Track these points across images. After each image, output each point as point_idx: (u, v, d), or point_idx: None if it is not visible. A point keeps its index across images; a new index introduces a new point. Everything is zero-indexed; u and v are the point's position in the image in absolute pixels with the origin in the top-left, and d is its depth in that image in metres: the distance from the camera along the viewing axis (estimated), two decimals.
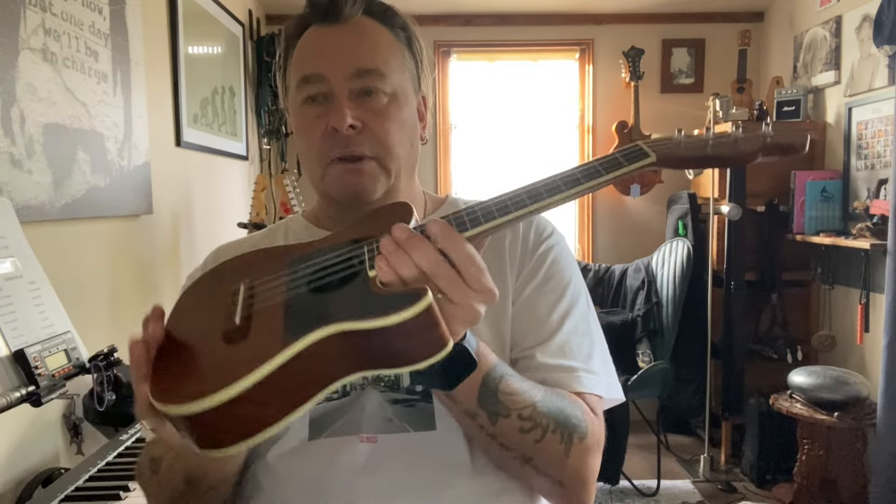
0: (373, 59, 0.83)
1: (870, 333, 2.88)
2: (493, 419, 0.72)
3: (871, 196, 2.95)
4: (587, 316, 0.89)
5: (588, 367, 0.84)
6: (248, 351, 0.60)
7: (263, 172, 3.40)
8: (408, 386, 0.81)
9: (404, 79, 0.87)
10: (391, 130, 0.84)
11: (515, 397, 0.72)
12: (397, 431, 0.80)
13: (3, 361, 0.98)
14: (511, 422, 0.72)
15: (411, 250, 0.60)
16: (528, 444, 0.74)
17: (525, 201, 0.65)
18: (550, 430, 0.74)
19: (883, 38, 2.69)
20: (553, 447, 0.75)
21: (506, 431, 0.73)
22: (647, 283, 3.42)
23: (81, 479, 1.28)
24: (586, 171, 0.67)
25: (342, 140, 0.82)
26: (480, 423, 0.72)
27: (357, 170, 0.83)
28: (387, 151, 0.84)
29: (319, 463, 0.79)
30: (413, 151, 0.90)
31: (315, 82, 0.83)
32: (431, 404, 0.80)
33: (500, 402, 0.71)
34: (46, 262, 1.17)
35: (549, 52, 4.07)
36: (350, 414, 0.81)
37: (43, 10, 1.51)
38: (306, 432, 0.81)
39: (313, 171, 0.87)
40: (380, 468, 0.78)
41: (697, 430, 3.66)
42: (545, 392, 0.76)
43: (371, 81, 0.83)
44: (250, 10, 3.37)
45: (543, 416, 0.74)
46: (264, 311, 0.64)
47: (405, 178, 0.89)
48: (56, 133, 1.56)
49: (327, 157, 0.84)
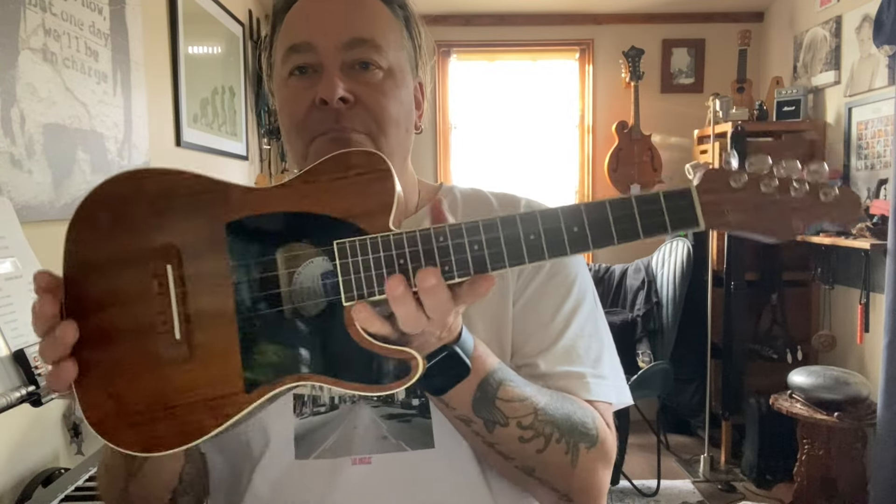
0: (368, 30, 0.74)
1: (870, 333, 2.87)
2: (490, 427, 0.66)
3: (871, 196, 2.95)
4: (595, 315, 0.82)
5: (597, 372, 0.78)
6: (202, 392, 0.54)
7: (263, 172, 3.40)
8: (403, 399, 0.75)
9: (401, 57, 0.78)
10: (387, 107, 0.74)
11: (515, 404, 0.66)
12: (393, 451, 0.73)
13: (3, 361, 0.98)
14: (510, 430, 0.66)
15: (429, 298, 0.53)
16: (530, 454, 0.68)
17: (542, 249, 0.55)
18: (554, 439, 0.68)
19: (883, 38, 2.69)
20: (558, 458, 0.69)
21: (504, 440, 0.67)
22: (647, 283, 3.42)
23: (81, 479, 1.28)
24: (622, 226, 0.55)
25: (331, 114, 0.72)
26: (476, 431, 0.67)
27: (344, 139, 0.72)
28: (381, 129, 0.74)
29: (309, 491, 0.73)
30: (408, 136, 0.80)
31: (303, 52, 0.74)
32: (429, 419, 0.74)
33: (498, 409, 0.66)
34: (46, 262, 1.16)
35: (549, 52, 4.07)
36: (340, 431, 0.74)
37: (43, 10, 1.51)
38: (292, 452, 0.74)
39: (296, 148, 0.76)
40: (375, 495, 0.72)
41: (697, 430, 3.66)
42: (550, 397, 0.70)
43: (366, 53, 0.74)
44: (250, 10, 3.37)
45: (546, 424, 0.68)
46: (208, 325, 0.56)
47: (398, 165, 0.77)
48: (56, 133, 1.56)
49: (314, 132, 0.73)
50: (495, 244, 0.54)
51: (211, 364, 0.56)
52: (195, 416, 0.55)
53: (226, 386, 0.55)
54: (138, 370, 0.57)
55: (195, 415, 0.55)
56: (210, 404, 0.55)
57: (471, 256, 0.54)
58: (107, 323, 0.58)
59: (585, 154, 4.04)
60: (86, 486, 1.27)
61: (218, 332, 0.56)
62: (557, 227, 0.54)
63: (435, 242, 0.54)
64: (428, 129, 3.94)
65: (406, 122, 0.79)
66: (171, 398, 0.56)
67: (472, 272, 0.54)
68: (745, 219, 0.56)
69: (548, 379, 0.75)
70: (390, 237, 0.54)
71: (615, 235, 0.55)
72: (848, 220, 0.56)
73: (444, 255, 0.54)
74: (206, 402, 0.55)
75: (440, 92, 3.98)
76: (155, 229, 0.58)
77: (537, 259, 0.55)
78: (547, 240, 0.54)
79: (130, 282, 0.58)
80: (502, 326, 0.78)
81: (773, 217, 0.56)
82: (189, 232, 0.58)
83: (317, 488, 0.73)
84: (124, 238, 0.59)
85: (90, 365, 0.58)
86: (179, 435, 0.55)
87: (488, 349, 0.68)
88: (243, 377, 0.55)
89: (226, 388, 0.55)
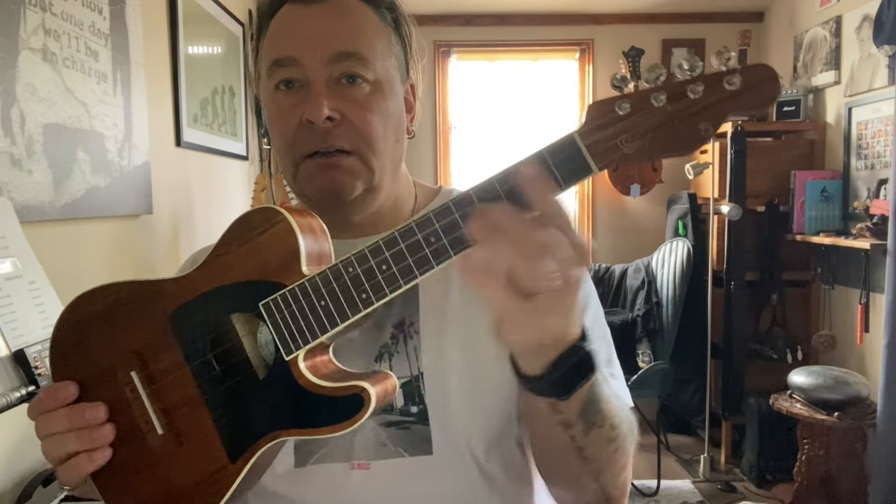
0: (354, 42, 0.73)
1: (870, 333, 2.88)
2: (588, 430, 0.63)
3: (871, 196, 2.95)
4: (600, 319, 0.82)
5: (613, 372, 0.78)
6: (198, 474, 0.58)
7: (263, 172, 3.40)
8: (401, 407, 0.75)
9: (390, 65, 0.77)
10: (374, 123, 0.74)
11: (611, 405, 0.64)
12: (391, 457, 0.73)
13: (3, 361, 0.98)
14: (603, 431, 0.64)
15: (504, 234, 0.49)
16: (609, 455, 0.66)
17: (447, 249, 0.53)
18: (623, 437, 0.67)
19: (883, 38, 2.69)
20: (624, 458, 0.68)
21: (595, 442, 0.64)
22: (647, 283, 3.42)
23: None
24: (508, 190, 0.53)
25: (319, 134, 0.72)
26: (573, 435, 0.63)
27: (334, 164, 0.73)
28: (369, 146, 0.74)
29: (308, 494, 0.73)
30: (398, 147, 0.80)
31: (288, 66, 0.73)
32: (428, 426, 0.74)
33: (601, 410, 0.63)
34: (46, 262, 1.16)
35: (549, 52, 4.07)
36: (338, 438, 0.72)
37: (43, 10, 1.51)
38: (291, 459, 0.74)
39: (286, 167, 0.77)
40: (374, 498, 0.72)
41: (697, 430, 3.66)
42: (611, 393, 0.68)
43: (352, 67, 0.73)
44: (250, 10, 3.37)
45: (624, 422, 0.67)
46: (183, 414, 0.61)
47: (389, 175, 0.79)
48: (56, 133, 1.56)
49: (302, 151, 0.74)
50: (400, 257, 0.54)
51: (196, 446, 0.60)
52: (199, 499, 0.59)
53: (214, 462, 0.58)
54: (143, 470, 0.62)
55: (198, 497, 0.59)
56: (208, 481, 0.59)
57: (382, 278, 0.55)
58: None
59: None
60: None
61: (192, 415, 0.60)
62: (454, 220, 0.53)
63: (346, 275, 0.55)
64: (428, 129, 3.94)
65: (396, 132, 0.79)
66: (177, 488, 0.60)
67: (390, 292, 0.54)
68: (642, 145, 0.50)
69: None
70: (305, 283, 0.56)
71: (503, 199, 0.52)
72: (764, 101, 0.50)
73: (368, 280, 0.55)
74: (204, 482, 0.59)
75: (440, 92, 3.98)
76: (112, 343, 0.63)
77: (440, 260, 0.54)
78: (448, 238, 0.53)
79: (109, 393, 0.62)
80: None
81: (674, 131, 0.50)
82: (140, 335, 0.62)
83: (315, 494, 0.73)
84: (90, 357, 0.64)
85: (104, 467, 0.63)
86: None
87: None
88: (225, 450, 0.58)
89: (214, 464, 0.58)
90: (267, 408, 0.58)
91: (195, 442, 0.59)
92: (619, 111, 0.50)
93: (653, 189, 3.89)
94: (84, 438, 0.62)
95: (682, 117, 0.50)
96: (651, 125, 0.50)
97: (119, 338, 0.63)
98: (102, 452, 0.62)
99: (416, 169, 4.32)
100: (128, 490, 0.62)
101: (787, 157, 3.37)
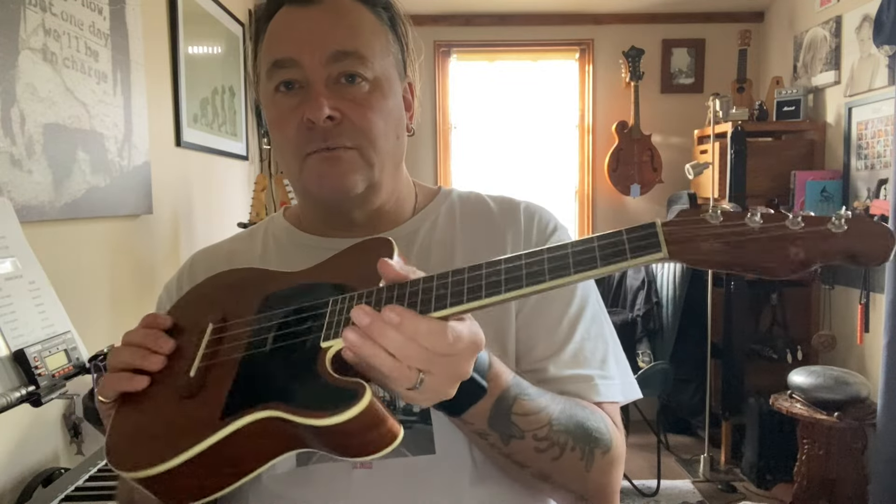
0: (352, 41, 0.74)
1: (870, 333, 2.88)
2: (506, 440, 0.66)
3: (871, 196, 2.95)
4: (599, 315, 0.83)
5: (604, 373, 0.79)
6: (187, 420, 0.61)
7: (263, 172, 3.40)
8: (404, 406, 0.75)
9: (388, 64, 0.78)
10: (374, 121, 0.75)
11: (531, 418, 0.66)
12: (394, 456, 0.70)
13: (3, 361, 0.98)
14: (526, 442, 0.67)
15: (377, 338, 0.53)
16: (546, 462, 0.69)
17: (501, 286, 0.55)
18: (569, 447, 0.69)
19: (883, 38, 2.69)
20: (572, 464, 0.70)
21: (520, 451, 0.67)
22: (647, 283, 3.42)
23: (81, 479, 1.28)
24: (580, 257, 0.53)
25: (319, 133, 0.73)
26: (492, 443, 0.67)
27: (335, 157, 0.74)
28: (369, 143, 0.76)
29: (310, 494, 0.73)
30: (399, 144, 0.81)
31: (287, 67, 0.75)
32: (430, 426, 0.74)
33: (514, 423, 0.66)
34: (46, 262, 1.16)
35: (549, 52, 4.07)
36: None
37: (43, 10, 1.51)
38: (293, 459, 0.74)
39: (290, 167, 0.78)
40: (377, 497, 0.72)
41: (697, 430, 3.66)
42: (564, 405, 0.71)
43: (350, 66, 0.74)
44: (250, 10, 3.37)
45: (561, 433, 0.69)
46: (219, 366, 0.65)
47: (390, 172, 0.81)
48: (56, 133, 1.56)
49: (304, 151, 0.75)
50: (458, 284, 0.57)
51: (206, 396, 0.63)
52: (181, 437, 0.60)
53: (207, 412, 0.60)
54: (150, 399, 0.65)
55: (180, 434, 0.60)
56: (191, 426, 0.60)
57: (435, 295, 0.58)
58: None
59: (585, 154, 4.04)
60: (86, 486, 1.27)
61: (222, 370, 0.64)
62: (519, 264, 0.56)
63: (409, 287, 0.59)
64: (428, 129, 3.94)
65: (396, 129, 0.80)
66: (167, 423, 0.63)
67: (448, 304, 0.56)
68: (721, 247, 0.50)
69: (556, 383, 0.76)
70: (374, 290, 0.61)
71: (572, 266, 0.53)
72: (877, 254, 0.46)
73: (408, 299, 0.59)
74: (188, 427, 0.60)
75: (440, 92, 3.98)
76: (215, 305, 0.72)
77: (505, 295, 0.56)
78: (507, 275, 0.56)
79: (185, 338, 0.70)
80: (506, 335, 0.78)
81: (760, 248, 0.49)
82: (237, 304, 0.71)
83: (317, 494, 0.73)
84: (197, 310, 0.73)
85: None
86: (152, 454, 0.59)
87: (504, 365, 0.67)
88: (224, 404, 0.60)
89: (206, 414, 0.60)
90: (277, 379, 0.60)
91: (208, 392, 0.63)
92: (709, 219, 0.51)
93: (653, 189, 3.89)
94: (136, 355, 0.66)
95: (773, 238, 0.49)
96: (736, 235, 0.50)
97: (222, 303, 0.72)
98: (141, 379, 0.65)
99: (416, 169, 4.32)
100: (131, 414, 0.65)
101: (787, 156, 3.37)
